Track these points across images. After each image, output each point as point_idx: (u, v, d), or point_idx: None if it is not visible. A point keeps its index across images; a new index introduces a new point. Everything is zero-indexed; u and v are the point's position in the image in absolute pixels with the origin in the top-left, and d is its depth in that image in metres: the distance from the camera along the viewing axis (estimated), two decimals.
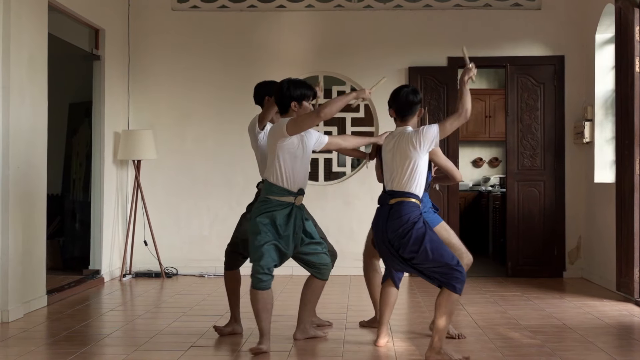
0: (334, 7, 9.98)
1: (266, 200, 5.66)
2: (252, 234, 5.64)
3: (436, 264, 5.38)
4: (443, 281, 5.41)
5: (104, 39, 9.29)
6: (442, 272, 5.40)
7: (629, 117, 7.92)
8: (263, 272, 5.57)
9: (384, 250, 5.63)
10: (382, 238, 5.57)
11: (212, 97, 10.04)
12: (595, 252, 9.25)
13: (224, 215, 9.95)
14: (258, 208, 5.66)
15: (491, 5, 9.91)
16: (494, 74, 13.15)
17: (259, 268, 5.58)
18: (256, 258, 5.60)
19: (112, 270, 9.48)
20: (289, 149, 5.62)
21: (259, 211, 5.65)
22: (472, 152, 13.63)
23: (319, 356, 5.69)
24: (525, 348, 5.80)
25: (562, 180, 9.76)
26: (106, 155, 9.37)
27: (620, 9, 8.10)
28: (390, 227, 5.49)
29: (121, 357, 5.54)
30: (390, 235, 5.48)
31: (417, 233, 5.41)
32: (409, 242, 5.41)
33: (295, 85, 5.71)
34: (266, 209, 5.63)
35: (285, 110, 5.74)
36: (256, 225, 5.61)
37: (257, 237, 5.59)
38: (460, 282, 5.37)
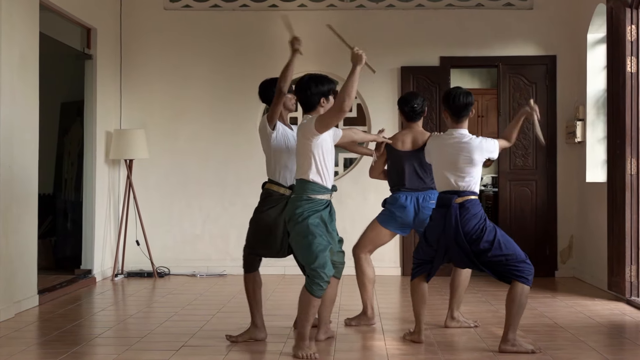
0: (326, 6, 9.98)
1: (309, 199, 5.51)
2: (305, 236, 5.44)
3: (509, 257, 5.64)
4: (515, 274, 5.64)
5: (95, 38, 9.28)
6: (513, 265, 5.65)
7: (620, 116, 7.94)
8: (326, 280, 5.44)
9: (454, 249, 5.70)
10: (452, 236, 5.67)
11: (204, 96, 10.03)
12: (587, 252, 9.27)
13: (216, 214, 9.95)
14: (303, 208, 5.48)
15: (483, 5, 9.93)
16: (486, 73, 13.16)
17: (324, 275, 5.41)
18: (318, 265, 5.40)
19: (104, 270, 9.46)
20: (322, 145, 5.54)
21: (306, 212, 5.48)
22: None
23: None
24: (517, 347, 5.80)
25: (554, 180, 9.78)
26: (98, 154, 9.36)
27: (612, 8, 8.11)
28: (465, 224, 5.67)
29: (112, 356, 5.53)
30: (467, 232, 5.66)
31: (490, 227, 5.71)
32: (484, 236, 5.65)
33: (320, 81, 5.62)
34: (312, 209, 5.50)
35: (312, 108, 5.63)
36: (309, 228, 5.45)
37: (314, 241, 5.43)
38: (530, 275, 5.65)
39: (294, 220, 5.51)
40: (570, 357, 5.51)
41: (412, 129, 6.65)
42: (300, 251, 5.55)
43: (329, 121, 5.44)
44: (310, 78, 5.63)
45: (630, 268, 7.79)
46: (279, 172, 6.00)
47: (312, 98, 5.60)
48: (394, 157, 6.60)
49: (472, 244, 5.66)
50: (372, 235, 6.58)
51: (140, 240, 9.72)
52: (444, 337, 6.18)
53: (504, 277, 5.73)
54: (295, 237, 5.53)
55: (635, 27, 7.81)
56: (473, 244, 5.66)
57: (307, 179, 5.53)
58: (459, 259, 5.78)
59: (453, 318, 6.54)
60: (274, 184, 6.01)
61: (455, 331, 6.36)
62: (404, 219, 6.51)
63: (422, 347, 5.80)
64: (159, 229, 9.92)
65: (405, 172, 6.52)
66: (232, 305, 7.62)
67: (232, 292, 8.42)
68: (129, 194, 9.64)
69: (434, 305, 7.55)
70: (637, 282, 7.77)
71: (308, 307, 5.45)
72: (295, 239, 5.54)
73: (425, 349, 5.75)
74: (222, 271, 9.82)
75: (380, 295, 8.03)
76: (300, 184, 5.56)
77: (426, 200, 6.46)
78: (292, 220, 5.53)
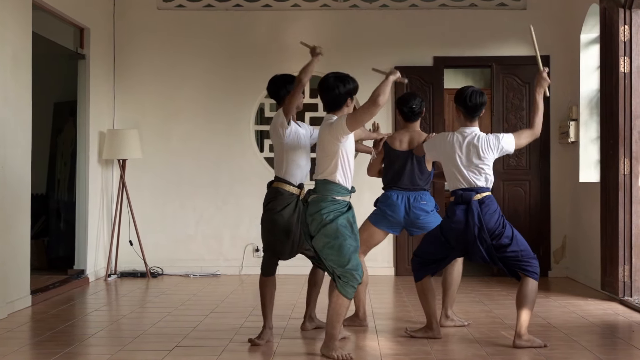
0: (320, 6, 9.97)
1: (334, 200, 5.48)
2: (335, 238, 5.40)
3: (523, 252, 5.82)
4: (527, 270, 5.80)
5: (89, 38, 9.26)
6: (526, 260, 5.82)
7: (613, 117, 7.95)
8: (359, 282, 5.47)
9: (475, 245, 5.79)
10: (475, 233, 5.77)
11: (197, 96, 10.02)
12: (580, 252, 9.28)
13: (209, 215, 9.95)
14: (329, 209, 5.45)
15: (477, 5, 9.93)
16: (480, 73, 13.16)
17: (358, 277, 5.44)
18: (351, 267, 5.42)
19: (97, 270, 9.44)
20: (349, 145, 5.55)
21: (333, 213, 5.46)
22: None
23: (303, 355, 5.68)
24: (510, 348, 5.80)
25: (547, 180, 9.79)
26: (91, 154, 9.34)
27: (605, 9, 8.12)
28: (489, 221, 5.79)
29: (105, 357, 5.52)
30: (490, 228, 5.78)
31: (507, 223, 5.90)
32: (505, 232, 5.82)
33: (346, 80, 5.59)
34: (338, 210, 5.48)
35: (338, 107, 5.60)
36: (339, 229, 5.42)
37: (345, 243, 5.42)
38: (538, 271, 5.86)
39: (318, 221, 5.46)
40: (563, 357, 5.52)
41: (410, 129, 6.67)
42: (330, 253, 5.47)
43: (362, 118, 5.39)
44: (337, 77, 5.60)
45: (624, 268, 7.80)
46: (290, 170, 5.98)
47: (340, 97, 5.57)
48: (391, 157, 6.62)
49: (495, 239, 5.79)
50: (365, 236, 6.57)
51: (134, 241, 9.71)
52: None
53: (515, 273, 5.89)
54: (323, 238, 5.46)
55: (628, 27, 7.82)
56: (495, 239, 5.79)
57: (332, 180, 5.50)
58: (479, 255, 5.85)
59: (447, 317, 6.55)
60: (284, 183, 5.97)
61: (448, 330, 6.36)
62: (394, 217, 6.52)
63: (415, 347, 5.80)
64: (152, 229, 9.90)
65: (401, 172, 6.54)
66: (225, 306, 7.61)
67: (225, 292, 8.42)
68: (122, 194, 9.62)
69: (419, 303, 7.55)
70: (630, 282, 7.78)
71: (340, 308, 5.45)
72: (322, 240, 5.46)
73: (419, 349, 5.74)
74: (216, 271, 9.81)
75: (374, 295, 8.02)
76: (324, 185, 5.52)
77: (417, 200, 6.49)
78: (316, 221, 5.47)
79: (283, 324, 6.57)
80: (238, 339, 6.08)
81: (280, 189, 5.96)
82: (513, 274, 5.91)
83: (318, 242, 5.50)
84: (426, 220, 6.49)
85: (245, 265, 9.85)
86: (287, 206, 5.93)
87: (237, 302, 7.87)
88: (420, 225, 6.46)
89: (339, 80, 5.57)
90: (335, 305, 5.44)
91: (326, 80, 5.60)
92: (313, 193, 5.58)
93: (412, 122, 6.69)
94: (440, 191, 9.62)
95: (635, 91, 7.82)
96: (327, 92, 5.59)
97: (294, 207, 5.93)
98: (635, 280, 7.78)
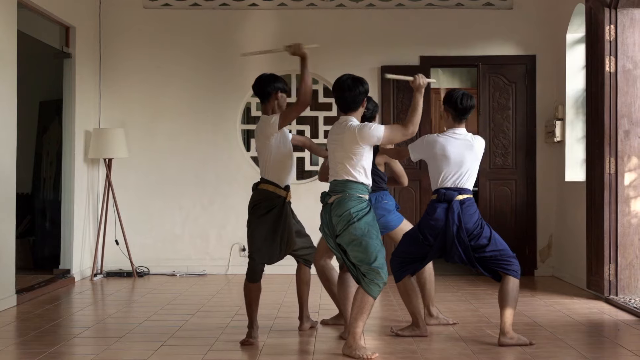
0: (306, 5, 9.97)
1: (360, 199, 5.55)
2: (362, 236, 5.46)
3: (501, 252, 5.89)
4: (507, 269, 5.86)
5: (74, 36, 9.22)
6: (506, 260, 5.88)
7: (599, 116, 7.97)
8: (384, 281, 5.51)
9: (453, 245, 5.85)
10: (454, 232, 5.83)
11: (184, 95, 10.00)
12: (566, 251, 9.31)
13: (195, 214, 9.93)
14: (357, 208, 5.51)
15: (463, 5, 9.95)
16: (466, 73, 13.18)
17: (383, 275, 5.49)
18: (378, 265, 5.47)
19: (82, 269, 9.41)
20: (371, 149, 5.65)
21: (361, 212, 5.52)
22: None
23: (290, 354, 5.68)
24: (496, 346, 5.81)
25: (533, 179, 9.82)
26: (77, 153, 9.30)
27: (591, 8, 8.15)
28: (468, 221, 5.86)
29: (90, 356, 5.50)
30: (469, 229, 5.85)
31: (485, 224, 5.97)
32: (483, 232, 5.89)
33: (362, 81, 5.68)
34: (364, 209, 5.54)
35: (356, 108, 5.68)
36: (366, 228, 5.48)
37: (372, 242, 5.48)
38: (519, 269, 5.92)
39: (346, 220, 5.50)
40: (549, 356, 5.53)
41: None
42: (357, 250, 5.50)
43: (394, 137, 5.62)
44: (354, 78, 5.67)
45: (609, 267, 7.83)
46: (277, 173, 5.97)
47: (359, 97, 5.65)
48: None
49: (473, 239, 5.85)
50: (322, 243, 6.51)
51: (120, 240, 9.68)
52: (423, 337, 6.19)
53: (495, 273, 5.94)
54: (350, 236, 5.50)
55: (614, 27, 7.85)
56: (473, 239, 5.85)
57: (355, 180, 5.57)
58: (457, 255, 5.90)
59: (431, 315, 6.56)
60: (270, 185, 5.96)
61: (434, 329, 6.37)
62: None
63: (401, 345, 5.80)
64: (138, 228, 9.88)
65: None
66: (212, 305, 7.60)
67: (211, 291, 8.41)
68: (108, 193, 9.59)
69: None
70: (615, 281, 7.81)
71: (365, 306, 5.47)
72: (348, 237, 5.51)
73: (405, 348, 5.74)
74: (202, 271, 9.80)
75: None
76: (347, 184, 5.57)
77: (379, 200, 6.54)
78: (344, 221, 5.50)
79: (269, 323, 6.57)
80: (224, 338, 6.08)
81: (268, 190, 5.95)
82: (493, 274, 5.96)
83: (344, 239, 5.55)
84: (388, 219, 6.55)
85: (231, 264, 9.84)
86: (273, 208, 5.93)
87: (223, 301, 7.86)
88: (383, 225, 6.45)
89: (357, 81, 5.66)
90: (361, 303, 5.46)
91: (345, 82, 5.67)
92: (333, 193, 5.62)
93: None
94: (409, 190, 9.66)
95: (621, 91, 7.84)
96: (348, 91, 5.65)
97: (281, 209, 5.93)
98: (620, 279, 7.81)
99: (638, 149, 7.78)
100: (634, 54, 7.83)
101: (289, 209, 6.01)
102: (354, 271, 5.61)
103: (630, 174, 7.83)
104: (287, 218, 5.96)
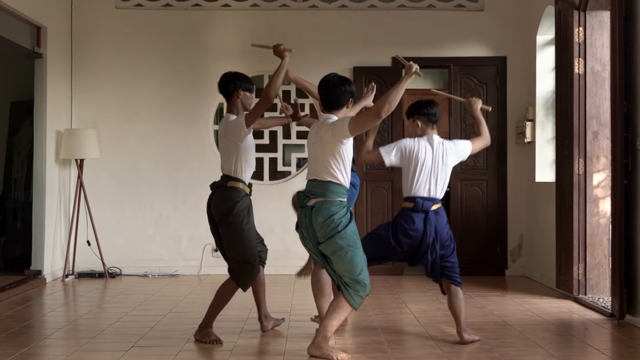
0: (279, 6, 9.98)
1: (341, 203, 5.43)
2: (347, 245, 5.33)
3: (455, 262, 6.09)
4: (455, 279, 6.04)
5: (45, 36, 9.17)
6: (456, 271, 6.07)
7: (568, 117, 8.05)
8: (368, 292, 5.45)
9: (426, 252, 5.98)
10: (430, 241, 5.94)
11: (156, 96, 9.98)
12: (537, 251, 9.39)
13: (168, 214, 9.91)
14: (339, 214, 5.38)
15: (435, 7, 10.00)
16: (438, 74, 13.24)
17: (367, 287, 5.42)
18: (363, 277, 5.38)
19: (54, 270, 9.37)
20: (350, 146, 5.50)
21: (344, 218, 5.40)
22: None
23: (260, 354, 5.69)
24: (466, 345, 5.87)
25: (504, 180, 9.89)
26: (48, 154, 9.26)
27: (560, 11, 8.23)
28: (440, 230, 5.98)
29: (61, 357, 5.49)
30: (442, 238, 5.99)
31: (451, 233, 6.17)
32: (451, 243, 6.08)
33: (349, 81, 5.62)
34: (345, 214, 5.44)
35: (340, 107, 5.56)
36: (351, 237, 5.35)
37: (357, 252, 5.39)
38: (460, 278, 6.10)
39: (330, 228, 5.36)
40: (517, 354, 5.59)
41: None
42: (341, 262, 5.37)
43: (364, 124, 5.36)
44: (340, 77, 5.61)
45: (578, 266, 7.90)
46: (244, 170, 5.97)
47: (344, 96, 5.56)
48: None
49: (443, 249, 6.00)
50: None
51: (92, 241, 9.65)
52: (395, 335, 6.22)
53: (442, 280, 6.10)
54: (334, 246, 5.37)
55: (582, 29, 7.93)
56: (443, 249, 6.00)
57: (337, 181, 5.42)
58: (424, 262, 6.02)
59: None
60: (239, 182, 5.94)
61: (404, 329, 6.41)
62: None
63: (372, 345, 5.83)
64: (110, 229, 9.85)
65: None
66: (184, 306, 7.60)
67: (184, 292, 8.40)
68: (79, 193, 9.56)
69: (384, 304, 7.61)
70: (584, 280, 7.89)
71: (343, 314, 5.42)
72: (332, 247, 5.38)
73: (375, 348, 5.78)
74: (175, 271, 9.79)
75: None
76: (327, 186, 5.43)
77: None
78: (328, 228, 5.36)
79: (240, 324, 6.58)
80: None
81: (237, 187, 5.94)
82: (440, 281, 6.09)
83: (328, 248, 5.40)
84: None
85: (204, 265, 9.83)
86: (247, 207, 5.95)
87: (195, 301, 7.85)
88: None
89: (345, 80, 5.60)
90: (339, 309, 5.39)
91: (331, 79, 5.59)
92: (312, 195, 5.48)
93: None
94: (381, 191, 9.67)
95: (590, 92, 7.93)
96: (334, 89, 5.55)
97: (248, 205, 5.98)
98: (589, 278, 7.89)
99: (606, 149, 7.86)
100: (602, 56, 7.91)
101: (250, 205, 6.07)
102: (335, 278, 5.48)
103: (598, 174, 7.91)
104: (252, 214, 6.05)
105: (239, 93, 6.03)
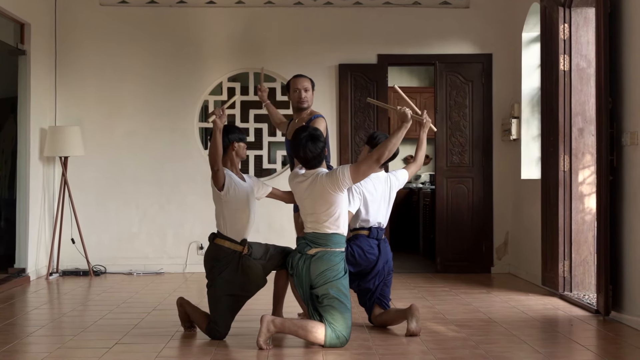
0: (264, 3, 9.95)
1: (342, 253, 5.73)
2: (341, 296, 5.60)
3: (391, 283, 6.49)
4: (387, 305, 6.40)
5: (29, 33, 9.11)
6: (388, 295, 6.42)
7: (553, 114, 8.06)
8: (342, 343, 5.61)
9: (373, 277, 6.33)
10: (380, 267, 6.30)
11: (141, 93, 9.93)
12: (522, 248, 9.39)
13: (153, 212, 9.87)
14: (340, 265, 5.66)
15: (420, 3, 9.99)
16: (424, 71, 13.27)
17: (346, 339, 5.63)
18: (347, 330, 5.62)
19: (38, 268, 9.31)
20: (346, 196, 5.73)
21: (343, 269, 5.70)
22: (402, 150, 13.56)
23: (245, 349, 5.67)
24: (451, 342, 5.87)
25: (490, 177, 9.89)
26: (32, 151, 9.20)
27: (546, 7, 8.23)
28: (388, 257, 6.36)
29: (44, 354, 5.45)
30: (388, 264, 6.37)
31: None
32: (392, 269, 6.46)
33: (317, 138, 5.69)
34: (344, 267, 5.71)
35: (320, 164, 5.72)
36: (345, 288, 5.68)
37: (347, 305, 5.66)
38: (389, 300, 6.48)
39: (328, 277, 5.60)
40: (503, 351, 5.58)
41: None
42: (331, 309, 5.58)
43: (365, 171, 5.58)
44: (311, 138, 5.65)
45: (564, 263, 7.91)
46: (232, 227, 5.89)
47: (321, 154, 5.70)
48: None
49: (386, 273, 6.37)
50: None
51: (76, 239, 9.60)
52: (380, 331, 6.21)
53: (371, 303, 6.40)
54: (327, 292, 5.59)
55: (568, 26, 7.93)
56: (387, 273, 6.37)
57: (337, 231, 5.65)
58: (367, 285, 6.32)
59: None
60: (226, 240, 5.87)
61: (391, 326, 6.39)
62: None
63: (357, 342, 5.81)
64: (95, 227, 9.80)
65: None
66: (168, 303, 7.54)
67: (168, 290, 8.36)
68: (64, 191, 9.50)
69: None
70: (569, 277, 7.90)
71: (309, 337, 5.58)
72: (326, 293, 5.60)
73: (360, 344, 5.76)
74: (159, 269, 9.75)
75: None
76: (330, 237, 5.64)
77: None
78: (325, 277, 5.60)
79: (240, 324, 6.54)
80: (179, 335, 6.06)
81: (223, 246, 5.88)
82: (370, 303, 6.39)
83: (320, 291, 5.63)
84: None
85: (189, 263, 9.80)
86: (228, 267, 5.85)
87: None
88: None
89: (315, 138, 5.65)
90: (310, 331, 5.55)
91: (305, 145, 5.63)
92: (314, 245, 5.64)
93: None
94: None
95: (575, 89, 7.94)
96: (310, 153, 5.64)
97: (236, 265, 5.85)
98: (574, 275, 7.90)
99: (592, 146, 7.87)
100: (587, 53, 7.92)
101: (245, 263, 5.87)
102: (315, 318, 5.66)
103: (584, 171, 7.92)
104: (245, 270, 5.86)
105: (234, 145, 6.02)
